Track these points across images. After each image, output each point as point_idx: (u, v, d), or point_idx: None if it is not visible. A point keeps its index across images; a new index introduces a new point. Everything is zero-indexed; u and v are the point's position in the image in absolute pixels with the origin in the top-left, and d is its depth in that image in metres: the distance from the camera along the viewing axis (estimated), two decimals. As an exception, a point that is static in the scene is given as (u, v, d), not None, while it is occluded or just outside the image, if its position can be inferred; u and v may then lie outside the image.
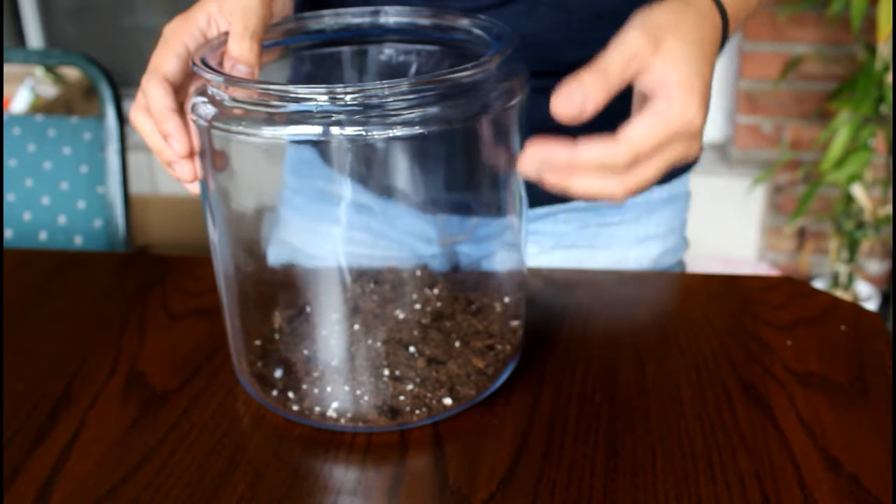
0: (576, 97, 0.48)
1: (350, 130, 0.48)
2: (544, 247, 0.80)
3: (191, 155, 0.56)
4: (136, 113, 0.57)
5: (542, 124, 0.72)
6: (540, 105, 0.72)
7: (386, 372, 0.57)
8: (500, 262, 0.63)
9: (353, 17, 0.62)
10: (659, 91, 0.50)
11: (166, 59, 0.57)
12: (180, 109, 0.56)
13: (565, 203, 0.78)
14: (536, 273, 0.75)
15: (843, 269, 1.99)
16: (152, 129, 0.57)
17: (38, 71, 2.19)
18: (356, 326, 0.60)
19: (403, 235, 0.74)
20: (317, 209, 0.66)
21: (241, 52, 0.54)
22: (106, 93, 1.08)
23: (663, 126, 0.49)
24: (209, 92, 0.52)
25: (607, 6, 0.68)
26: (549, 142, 0.50)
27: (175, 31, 0.58)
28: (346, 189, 0.60)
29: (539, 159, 0.50)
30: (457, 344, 0.60)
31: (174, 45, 0.57)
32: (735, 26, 0.59)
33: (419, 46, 0.63)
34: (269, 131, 0.49)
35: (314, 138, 0.49)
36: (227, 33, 0.56)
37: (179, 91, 0.57)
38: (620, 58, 0.49)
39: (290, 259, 0.62)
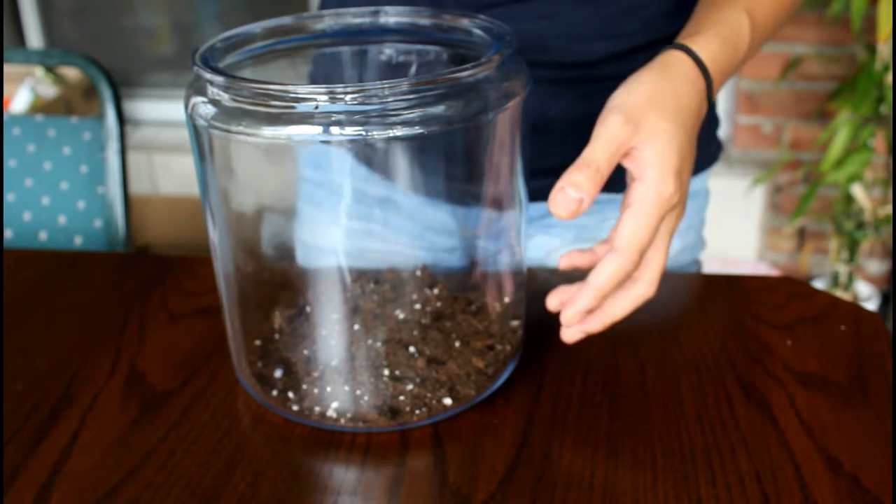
0: (573, 195, 0.52)
1: (350, 130, 0.48)
2: (566, 239, 0.80)
3: None
4: None
5: (566, 115, 0.72)
6: (566, 96, 0.72)
7: (386, 372, 0.57)
8: (501, 261, 0.63)
9: (353, 17, 0.62)
10: (637, 172, 0.54)
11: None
12: None
13: None
14: (537, 272, 0.75)
15: (843, 269, 1.99)
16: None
17: (38, 71, 2.19)
18: (356, 326, 0.60)
19: (424, 231, 0.74)
20: (338, 204, 0.66)
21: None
22: (106, 93, 1.08)
23: (648, 211, 0.53)
24: (209, 92, 0.52)
25: (634, 1, 0.69)
26: (563, 288, 0.58)
27: None
28: (367, 183, 0.60)
29: (560, 300, 0.58)
30: (457, 344, 0.60)
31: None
32: (721, 83, 0.61)
33: (419, 46, 0.63)
34: (269, 131, 0.49)
35: (314, 138, 0.49)
36: (226, 32, 0.56)
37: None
38: (606, 148, 0.53)
39: (315, 257, 0.62)
